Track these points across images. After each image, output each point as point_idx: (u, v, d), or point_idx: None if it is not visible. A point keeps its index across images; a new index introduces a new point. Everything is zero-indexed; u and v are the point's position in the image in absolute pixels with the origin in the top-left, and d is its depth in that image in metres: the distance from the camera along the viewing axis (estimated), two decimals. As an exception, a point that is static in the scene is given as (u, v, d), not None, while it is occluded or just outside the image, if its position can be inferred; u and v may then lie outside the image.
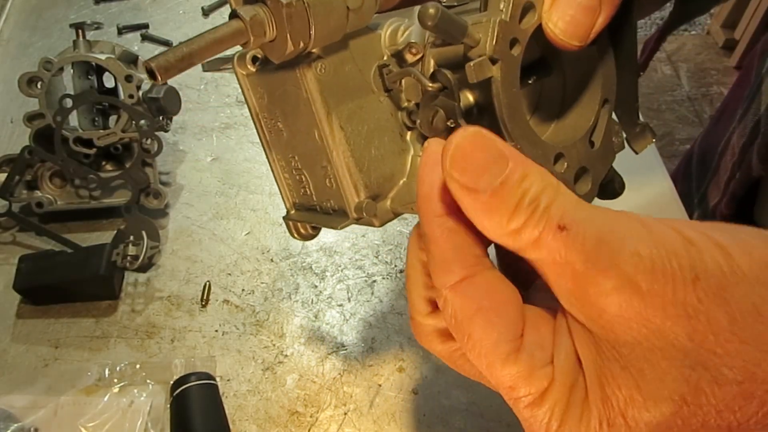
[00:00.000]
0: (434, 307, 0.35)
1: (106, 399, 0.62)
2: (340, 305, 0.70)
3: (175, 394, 0.60)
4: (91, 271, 0.68)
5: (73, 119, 0.77)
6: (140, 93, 0.75)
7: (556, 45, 0.32)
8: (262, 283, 0.72)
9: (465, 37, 0.31)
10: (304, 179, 0.43)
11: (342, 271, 0.73)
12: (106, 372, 0.64)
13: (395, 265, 0.73)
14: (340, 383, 0.64)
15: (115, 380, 0.64)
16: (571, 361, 0.30)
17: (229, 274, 0.73)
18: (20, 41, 1.04)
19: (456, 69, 0.34)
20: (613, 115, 0.42)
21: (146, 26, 1.04)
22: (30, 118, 0.74)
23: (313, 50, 0.36)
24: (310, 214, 0.43)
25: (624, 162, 0.47)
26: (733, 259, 0.26)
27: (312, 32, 0.33)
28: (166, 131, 0.79)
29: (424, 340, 0.36)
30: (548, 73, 0.38)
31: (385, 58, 0.39)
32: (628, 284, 0.27)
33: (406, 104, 0.39)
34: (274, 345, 0.67)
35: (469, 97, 0.34)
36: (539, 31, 0.34)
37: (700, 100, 2.64)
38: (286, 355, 0.66)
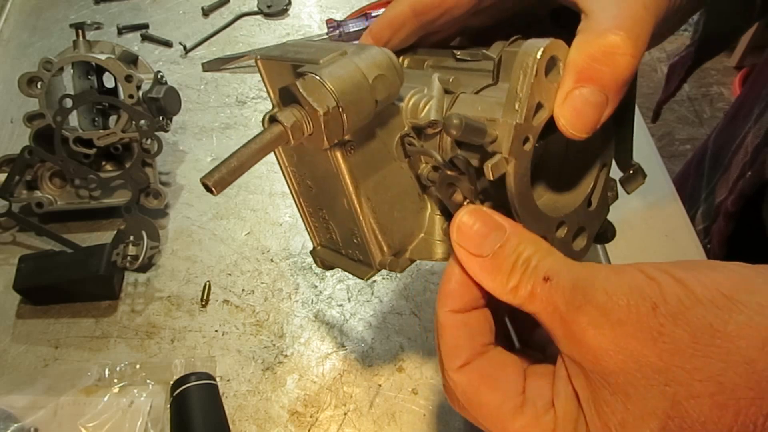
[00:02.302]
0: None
1: (106, 399, 0.62)
2: (340, 305, 0.70)
3: (175, 394, 0.60)
4: (91, 271, 0.68)
5: (73, 119, 0.77)
6: (140, 93, 0.75)
7: (567, 136, 0.36)
8: (262, 283, 0.72)
9: (484, 138, 0.35)
10: (331, 228, 0.46)
11: (342, 271, 0.73)
12: (106, 372, 0.64)
13: (395, 265, 0.73)
14: (340, 383, 0.64)
15: (115, 380, 0.63)
16: (572, 402, 0.33)
17: (229, 274, 0.73)
18: (20, 41, 1.04)
19: (471, 148, 0.37)
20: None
21: (146, 26, 1.04)
22: (30, 118, 0.74)
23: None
24: (336, 257, 0.47)
25: (624, 162, 0.47)
26: (689, 288, 0.30)
27: (345, 128, 0.35)
28: (166, 131, 0.79)
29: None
30: (554, 130, 0.40)
31: (406, 128, 0.41)
32: (601, 318, 0.31)
33: (423, 167, 0.41)
34: (274, 345, 0.67)
35: (488, 173, 0.37)
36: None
37: (700, 100, 2.64)
38: (286, 355, 0.66)
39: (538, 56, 0.34)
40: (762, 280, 0.30)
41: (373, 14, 0.97)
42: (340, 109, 0.34)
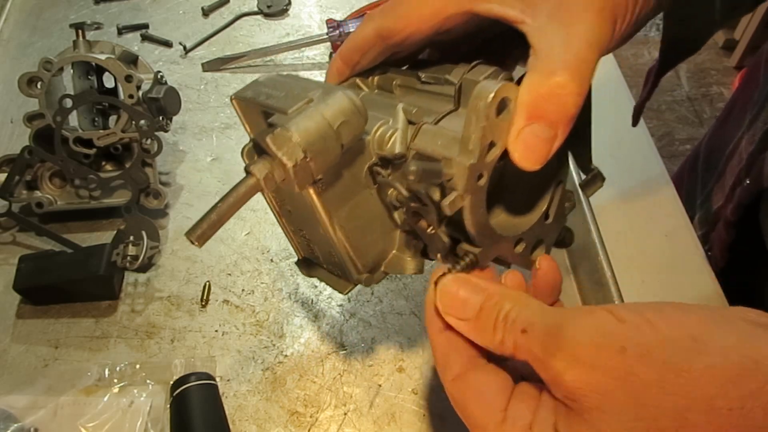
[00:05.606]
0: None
1: (106, 399, 0.62)
2: (340, 305, 0.70)
3: (175, 395, 0.60)
4: (91, 271, 0.68)
5: (73, 119, 0.76)
6: (140, 93, 0.75)
7: (520, 168, 0.39)
8: (262, 283, 0.72)
9: (442, 177, 0.39)
10: (312, 246, 0.49)
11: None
12: (106, 372, 0.64)
13: (395, 265, 0.73)
14: (340, 383, 0.64)
15: (115, 380, 0.63)
16: (549, 430, 0.36)
17: (229, 274, 0.73)
18: (20, 41, 1.04)
19: (433, 178, 0.40)
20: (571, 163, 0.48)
21: (146, 26, 1.04)
22: (30, 118, 0.74)
23: None
24: (317, 270, 0.51)
25: (624, 162, 0.47)
26: (658, 329, 0.33)
27: (314, 174, 0.38)
28: (166, 131, 0.79)
29: None
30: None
31: (373, 158, 0.44)
32: (573, 361, 0.34)
33: (390, 192, 0.45)
34: (274, 345, 0.67)
35: (445, 210, 0.40)
36: None
37: (700, 100, 2.64)
38: (286, 355, 0.66)
39: (489, 100, 0.36)
40: (726, 323, 0.33)
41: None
42: (308, 159, 0.37)
